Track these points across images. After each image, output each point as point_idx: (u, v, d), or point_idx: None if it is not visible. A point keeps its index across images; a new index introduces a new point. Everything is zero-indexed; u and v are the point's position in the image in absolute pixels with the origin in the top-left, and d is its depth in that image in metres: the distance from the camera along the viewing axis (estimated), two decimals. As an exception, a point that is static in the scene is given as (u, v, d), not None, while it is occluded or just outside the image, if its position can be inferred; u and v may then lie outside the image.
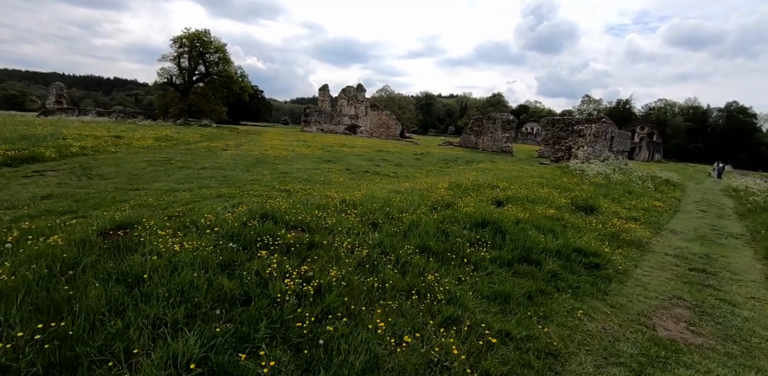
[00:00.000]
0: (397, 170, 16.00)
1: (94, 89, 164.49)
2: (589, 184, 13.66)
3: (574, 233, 7.21)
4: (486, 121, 38.11)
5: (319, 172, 13.65)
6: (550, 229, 7.05)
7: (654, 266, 6.35)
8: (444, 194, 9.55)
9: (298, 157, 19.65)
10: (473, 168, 18.54)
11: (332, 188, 10.18)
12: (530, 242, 6.07)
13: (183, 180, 10.97)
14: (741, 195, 15.80)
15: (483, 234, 6.09)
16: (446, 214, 7.18)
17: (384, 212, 6.91)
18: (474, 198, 9.35)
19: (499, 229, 6.39)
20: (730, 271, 6.47)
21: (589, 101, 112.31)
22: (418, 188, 10.34)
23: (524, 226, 6.87)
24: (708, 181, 31.46)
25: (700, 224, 10.38)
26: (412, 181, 12.56)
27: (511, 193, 10.09)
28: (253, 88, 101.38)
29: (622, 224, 8.36)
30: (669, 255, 7.11)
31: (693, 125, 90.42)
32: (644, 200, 12.24)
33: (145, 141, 22.68)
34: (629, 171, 18.33)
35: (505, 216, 7.32)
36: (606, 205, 10.14)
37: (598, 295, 4.88)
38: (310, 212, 6.61)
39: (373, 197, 8.29)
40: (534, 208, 8.60)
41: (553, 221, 7.77)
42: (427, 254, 5.23)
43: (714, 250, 7.73)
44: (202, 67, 53.74)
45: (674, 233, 9.02)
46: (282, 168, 14.48)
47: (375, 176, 13.84)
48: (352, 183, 11.75)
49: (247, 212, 6.32)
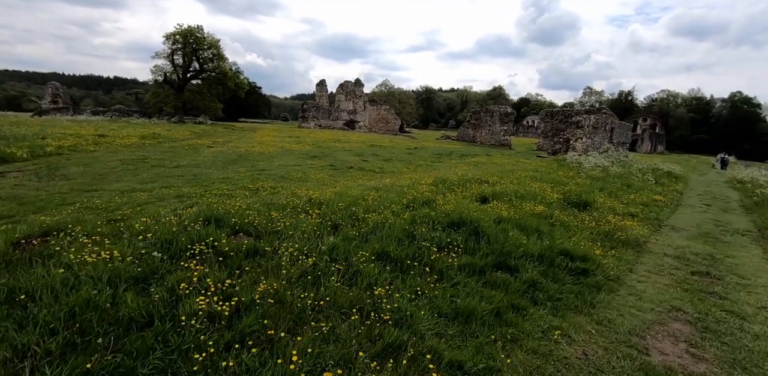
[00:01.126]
0: (385, 166, 15.27)
1: (95, 89, 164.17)
2: (585, 177, 12.88)
3: (563, 232, 6.48)
4: (484, 115, 37.20)
5: (299, 169, 12.94)
6: (536, 228, 6.32)
7: (651, 270, 5.62)
8: (426, 190, 8.83)
9: (285, 153, 18.94)
10: (466, 162, 17.76)
11: (305, 186, 9.47)
12: (510, 244, 5.34)
13: (149, 180, 10.29)
14: (747, 187, 14.98)
15: (456, 236, 5.37)
16: (421, 213, 6.47)
17: (349, 212, 6.20)
18: (458, 195, 8.63)
19: (475, 230, 5.66)
20: (737, 274, 5.73)
21: (590, 93, 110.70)
22: (400, 184, 9.62)
23: (506, 226, 6.14)
24: (712, 172, 30.54)
25: (703, 219, 9.62)
26: (397, 176, 11.83)
27: (499, 188, 9.35)
28: (251, 84, 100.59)
29: (618, 221, 7.62)
30: (669, 256, 6.38)
31: (696, 116, 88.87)
32: (644, 193, 11.46)
33: (130, 139, 22.06)
34: (629, 163, 17.51)
35: (486, 215, 6.60)
36: (601, 200, 9.39)
37: (582, 308, 4.16)
38: (265, 213, 5.92)
39: (344, 195, 7.59)
40: (522, 204, 7.86)
41: (541, 219, 7.04)
42: (384, 262, 4.52)
43: (719, 249, 6.99)
44: (196, 63, 53.00)
45: (675, 229, 8.27)
46: (262, 165, 13.79)
47: (359, 172, 13.13)
48: (330, 180, 11.04)
49: (192, 215, 5.64)
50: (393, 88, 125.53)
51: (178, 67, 51.47)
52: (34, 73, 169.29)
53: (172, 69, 51.28)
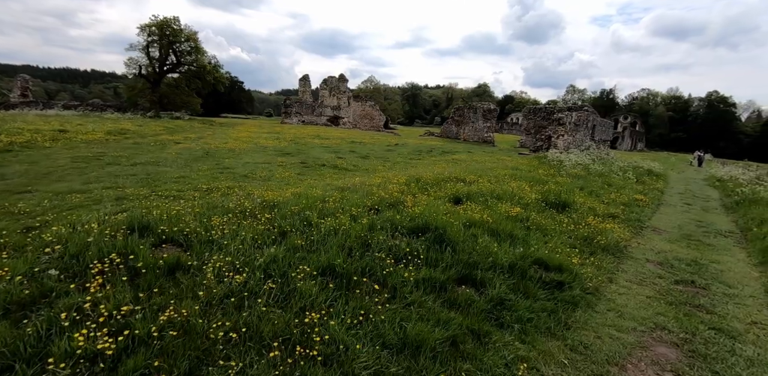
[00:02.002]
0: (361, 163, 14.58)
1: (71, 82, 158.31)
2: (566, 175, 12.47)
3: (539, 237, 5.94)
4: (467, 111, 36.80)
5: (266, 167, 12.14)
6: (510, 233, 5.76)
7: (633, 279, 5.12)
8: (396, 190, 8.20)
9: (257, 150, 18.05)
10: (446, 159, 17.22)
11: (266, 186, 8.74)
12: (478, 253, 4.76)
13: (94, 179, 9.36)
14: (726, 185, 14.87)
15: (417, 245, 4.76)
16: (384, 217, 5.84)
17: (302, 217, 5.52)
18: (430, 195, 8.03)
19: (440, 237, 5.06)
20: (723, 282, 5.29)
21: (573, 91, 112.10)
22: (370, 183, 8.97)
23: (476, 231, 5.56)
24: (690, 170, 30.92)
25: (685, 219, 9.28)
26: (369, 175, 11.17)
27: (475, 188, 8.79)
28: (233, 79, 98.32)
29: (598, 224, 7.15)
30: (651, 262, 5.91)
31: (675, 115, 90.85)
32: (625, 192, 11.10)
33: (94, 135, 20.78)
34: (610, 161, 17.27)
35: (456, 218, 6.01)
36: (582, 200, 8.93)
37: (556, 330, 3.60)
38: (204, 219, 5.20)
39: (304, 197, 6.90)
40: (497, 206, 7.32)
41: (516, 222, 6.49)
42: (328, 278, 3.87)
43: (702, 253, 6.58)
44: (173, 56, 51.16)
45: (657, 231, 7.86)
46: (228, 163, 12.92)
47: (331, 170, 12.41)
48: (296, 179, 10.31)
49: (118, 222, 4.89)
50: (379, 84, 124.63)
51: (154, 60, 49.61)
52: (6, 65, 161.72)
53: (147, 62, 49.39)
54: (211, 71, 52.40)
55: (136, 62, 49.60)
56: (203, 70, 51.54)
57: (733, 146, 78.32)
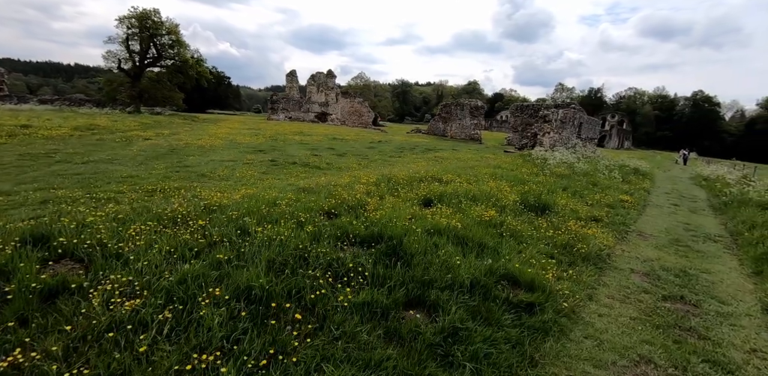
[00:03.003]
0: (335, 161, 13.81)
1: (54, 76, 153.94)
2: (549, 174, 11.89)
3: (513, 245, 5.27)
4: (454, 108, 36.20)
5: (231, 165, 11.30)
6: (479, 242, 5.08)
7: (615, 295, 4.48)
8: (363, 191, 7.49)
9: (230, 146, 17.13)
10: (427, 157, 16.54)
11: (219, 186, 7.94)
12: (437, 268, 4.06)
13: (32, 179, 8.42)
14: (713, 185, 14.47)
15: (365, 258, 4.04)
16: (337, 223, 5.11)
17: (239, 224, 4.76)
18: (400, 196, 7.34)
19: (394, 248, 4.35)
20: (715, 297, 4.69)
21: (562, 90, 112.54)
22: (337, 183, 8.23)
23: (440, 240, 4.86)
24: (676, 168, 30.85)
25: (672, 222, 8.74)
26: (340, 174, 10.43)
27: (450, 188, 8.11)
28: (219, 74, 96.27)
29: (580, 229, 6.52)
30: (636, 273, 5.29)
31: (661, 114, 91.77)
32: (610, 193, 10.54)
33: (58, 131, 19.62)
34: (596, 159, 16.80)
35: (419, 224, 5.31)
36: (564, 201, 8.32)
37: (519, 369, 2.92)
38: (119, 228, 4.42)
39: (255, 199, 6.15)
40: (471, 209, 6.64)
41: (489, 227, 5.82)
42: (244, 303, 3.13)
43: (692, 261, 5.99)
44: (154, 50, 49.59)
45: (643, 236, 7.28)
46: (191, 160, 12.04)
47: (301, 169, 11.62)
48: (258, 178, 9.51)
49: (14, 232, 4.11)
50: (369, 81, 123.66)
51: (134, 54, 48.04)
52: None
53: (127, 55, 47.81)
54: (193, 66, 50.99)
55: (116, 56, 48.02)
56: (185, 64, 50.13)
57: (717, 145, 79.38)
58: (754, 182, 11.48)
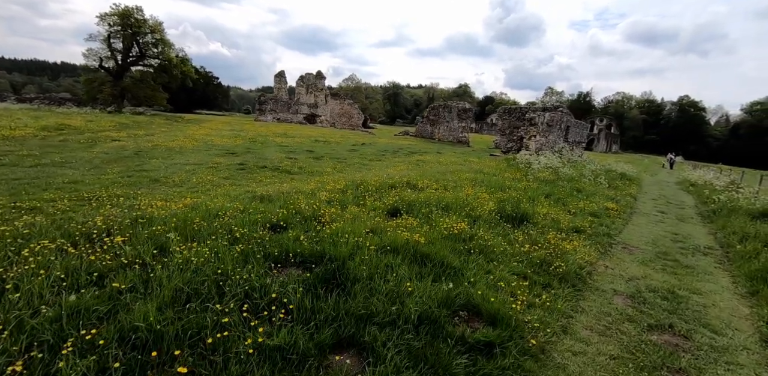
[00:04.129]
0: (309, 165, 13.09)
1: (39, 74, 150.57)
2: (533, 180, 11.33)
3: (482, 264, 4.63)
4: (442, 110, 35.74)
5: (191, 169, 10.52)
6: (442, 260, 4.42)
7: (594, 326, 3.86)
8: (325, 199, 6.81)
9: (203, 148, 16.29)
10: (409, 161, 15.91)
11: (167, 194, 7.19)
12: (381, 297, 3.39)
13: (-43, 183, 7.58)
14: (701, 191, 14.08)
15: (295, 286, 3.35)
16: (280, 239, 4.42)
17: (159, 241, 4.05)
18: (365, 206, 6.67)
19: (334, 271, 3.67)
20: (708, 326, 4.10)
21: (552, 93, 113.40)
22: (301, 190, 7.54)
23: (395, 259, 4.19)
24: (662, 172, 30.77)
25: (659, 232, 8.21)
26: (309, 179, 9.73)
27: (423, 196, 7.47)
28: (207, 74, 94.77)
29: (559, 242, 5.91)
30: (620, 295, 4.69)
31: (648, 118, 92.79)
32: (595, 200, 10.01)
33: (23, 131, 18.59)
34: (582, 164, 16.34)
35: (374, 240, 4.64)
36: (545, 210, 7.73)
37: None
38: (11, 248, 3.69)
39: (197, 209, 5.44)
40: (441, 220, 6.00)
41: (457, 242, 5.18)
42: (122, 350, 2.42)
43: (681, 279, 5.42)
44: (137, 48, 48.45)
45: (628, 249, 6.71)
46: (152, 164, 11.22)
47: (269, 173, 10.88)
48: (216, 184, 8.76)
49: None
50: (360, 82, 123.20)
51: (116, 52, 46.85)
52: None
53: (109, 54, 46.62)
54: (178, 65, 49.89)
55: (97, 54, 46.84)
56: (170, 63, 49.06)
57: (704, 149, 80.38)
58: (742, 189, 11.09)
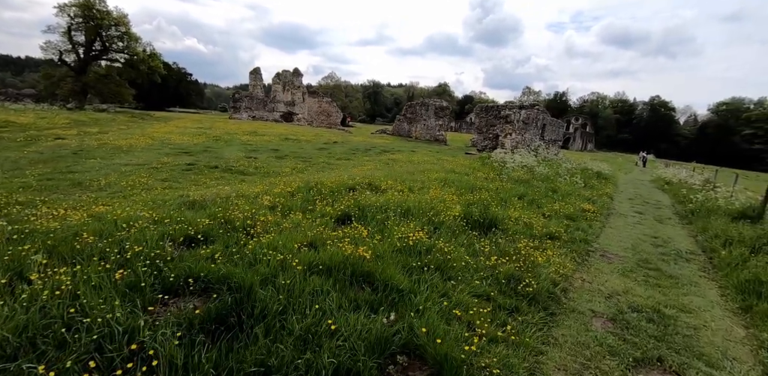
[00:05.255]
0: (269, 165, 12.06)
1: (2, 69, 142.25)
2: (507, 180, 10.69)
3: (437, 285, 3.82)
4: (419, 108, 35.07)
5: (129, 171, 9.36)
6: (387, 282, 3.59)
7: (569, 366, 3.10)
8: (267, 204, 5.89)
9: (154, 147, 14.98)
10: (379, 160, 15.08)
11: (82, 200, 6.11)
12: (290, 341, 2.52)
13: None
14: (677, 190, 13.82)
15: (169, 329, 2.44)
16: (182, 260, 3.49)
17: (17, 266, 3.05)
18: (314, 211, 5.79)
19: (233, 306, 2.77)
20: (702, 357, 3.42)
21: (529, 93, 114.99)
22: (243, 193, 6.58)
23: (326, 283, 3.32)
24: (636, 170, 31.08)
25: (638, 235, 7.65)
26: (261, 181, 8.76)
27: (383, 199, 6.63)
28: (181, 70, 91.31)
29: (532, 252, 5.18)
30: (599, 317, 3.98)
31: (621, 117, 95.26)
32: (571, 201, 9.43)
33: (-45, 127, 16.80)
34: (558, 162, 15.93)
35: (304, 258, 3.76)
36: (517, 214, 7.02)
37: None
38: None
39: (103, 221, 4.44)
40: (396, 227, 5.17)
41: (411, 256, 4.35)
42: None
43: (666, 293, 4.77)
44: (99, 42, 45.87)
45: (607, 257, 6.06)
46: (88, 164, 9.97)
47: (218, 174, 9.83)
48: (150, 187, 7.68)
49: None
50: (340, 80, 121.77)
51: (77, 46, 44.20)
52: None
53: (69, 47, 43.95)
54: (145, 60, 47.46)
55: (56, 47, 44.15)
56: (136, 58, 46.69)
57: (674, 147, 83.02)
58: (719, 188, 10.79)
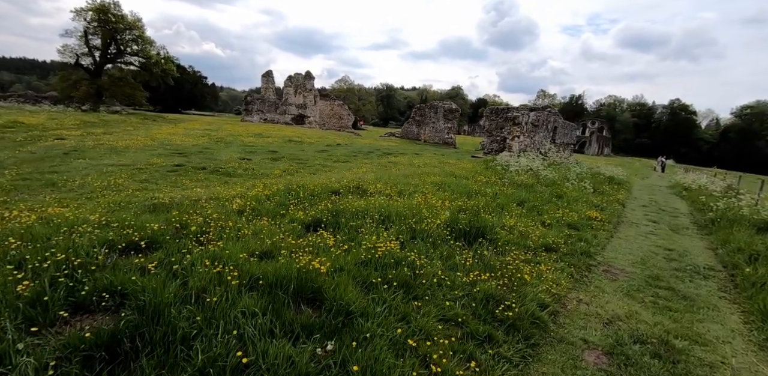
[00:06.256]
0: (261, 166, 11.65)
1: (28, 73, 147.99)
2: (508, 184, 10.01)
3: (397, 306, 3.24)
4: (428, 111, 34.46)
5: (112, 171, 9.06)
6: (337, 301, 3.04)
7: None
8: (239, 207, 5.43)
9: (149, 149, 14.77)
10: (379, 162, 14.55)
11: (45, 201, 5.76)
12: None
13: None
14: (696, 197, 12.86)
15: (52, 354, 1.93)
16: (112, 269, 3.02)
17: None
18: (287, 216, 5.29)
19: (133, 328, 2.26)
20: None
21: (544, 96, 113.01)
22: (219, 195, 6.13)
23: (255, 303, 2.79)
24: (654, 176, 29.77)
25: (650, 247, 6.89)
26: (244, 183, 8.32)
27: (365, 203, 6.09)
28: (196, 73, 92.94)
29: (522, 266, 4.55)
30: (593, 351, 3.33)
31: (639, 121, 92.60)
32: (577, 207, 8.70)
33: (-38, 127, 17.03)
34: (567, 166, 15.11)
35: (251, 270, 3.24)
36: (512, 222, 6.37)
37: None
38: None
39: (50, 224, 4.04)
40: (367, 236, 4.62)
41: (377, 270, 3.79)
42: None
43: (678, 319, 4.07)
44: (115, 45, 46.96)
45: (611, 272, 5.37)
46: (74, 165, 9.75)
47: (203, 175, 9.44)
48: (124, 187, 7.32)
49: None
50: (353, 84, 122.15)
51: (94, 49, 45.33)
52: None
53: (86, 50, 45.12)
54: (158, 63, 48.30)
55: (72, 50, 45.34)
56: (149, 61, 47.59)
57: (694, 152, 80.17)
58: (742, 195, 9.87)
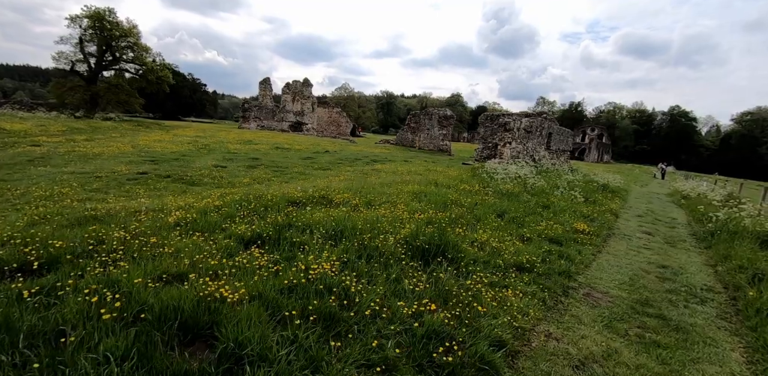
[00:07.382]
0: (234, 174, 11.03)
1: (30, 80, 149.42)
2: (492, 193, 9.35)
3: (309, 348, 2.57)
4: (423, 117, 33.99)
5: (65, 180, 8.47)
6: (231, 340, 2.37)
7: None
8: (176, 220, 4.80)
9: (122, 156, 14.19)
10: (361, 170, 13.92)
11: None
12: None
13: None
14: (694, 206, 12.16)
15: None
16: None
17: None
18: (227, 230, 4.65)
19: None
20: None
21: (543, 103, 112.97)
22: (165, 206, 5.50)
23: (119, 342, 2.14)
24: (653, 183, 29.06)
25: (641, 263, 6.20)
26: (205, 192, 7.70)
27: (320, 216, 5.45)
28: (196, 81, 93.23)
29: (485, 291, 3.88)
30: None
31: (639, 128, 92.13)
32: (563, 218, 8.01)
33: (-64, 133, 16.54)
34: (559, 173, 14.44)
35: (135, 298, 2.58)
36: (485, 236, 5.70)
37: None
38: None
39: None
40: (303, 256, 3.97)
41: (300, 299, 3.12)
42: None
43: (666, 361, 3.36)
44: (110, 52, 47.07)
45: (592, 297, 4.67)
46: (30, 172, 9.21)
47: (164, 184, 8.81)
48: (67, 197, 6.71)
49: None
50: (353, 91, 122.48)
51: (89, 56, 45.39)
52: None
53: (81, 57, 45.18)
54: (154, 69, 48.31)
55: (67, 57, 45.38)
56: (145, 68, 47.63)
57: (695, 159, 79.52)
58: (744, 205, 9.18)
